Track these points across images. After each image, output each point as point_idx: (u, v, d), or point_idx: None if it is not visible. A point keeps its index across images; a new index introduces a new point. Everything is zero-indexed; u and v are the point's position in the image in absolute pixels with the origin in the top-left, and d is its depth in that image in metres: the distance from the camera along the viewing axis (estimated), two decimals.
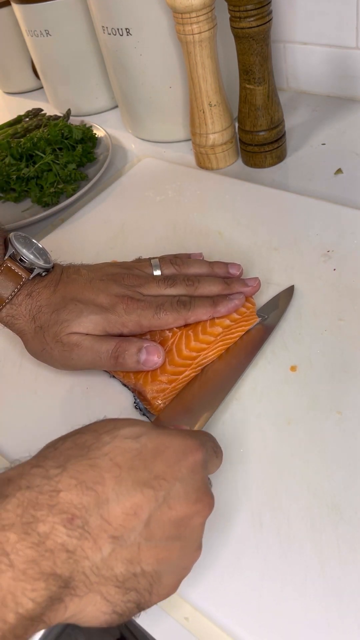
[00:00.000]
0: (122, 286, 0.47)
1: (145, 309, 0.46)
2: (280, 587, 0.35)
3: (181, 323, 0.47)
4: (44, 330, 0.46)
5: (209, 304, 0.47)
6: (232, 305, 0.47)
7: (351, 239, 0.56)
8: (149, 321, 0.46)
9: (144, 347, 0.45)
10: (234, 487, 0.40)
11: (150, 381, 0.45)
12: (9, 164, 0.76)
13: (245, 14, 0.58)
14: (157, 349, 0.45)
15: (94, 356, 0.45)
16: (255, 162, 0.70)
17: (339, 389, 0.44)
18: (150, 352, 0.44)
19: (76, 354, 0.45)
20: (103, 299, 0.46)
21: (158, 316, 0.46)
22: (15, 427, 0.48)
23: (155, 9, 0.67)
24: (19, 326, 0.48)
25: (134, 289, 0.48)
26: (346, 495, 0.38)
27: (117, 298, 0.46)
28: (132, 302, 0.46)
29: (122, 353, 0.44)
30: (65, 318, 0.45)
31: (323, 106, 0.80)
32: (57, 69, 0.90)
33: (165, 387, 0.45)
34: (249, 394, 0.45)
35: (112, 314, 0.46)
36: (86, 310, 0.46)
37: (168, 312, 0.46)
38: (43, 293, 0.47)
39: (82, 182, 0.75)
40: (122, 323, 0.46)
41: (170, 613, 0.36)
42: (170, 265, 0.50)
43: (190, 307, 0.46)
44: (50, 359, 0.47)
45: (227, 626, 0.34)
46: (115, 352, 0.45)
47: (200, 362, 0.47)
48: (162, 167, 0.74)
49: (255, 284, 0.50)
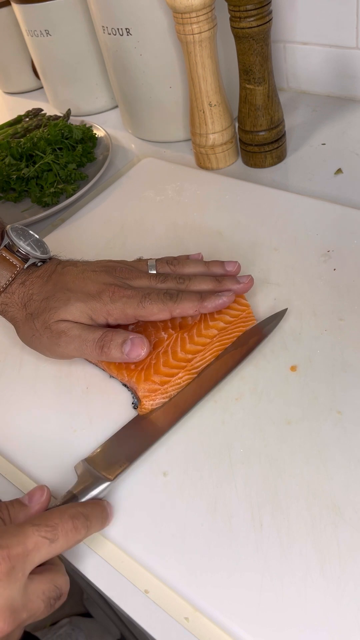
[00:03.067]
0: (112, 276, 0.48)
1: (131, 297, 0.46)
2: (280, 587, 0.35)
3: (167, 315, 0.46)
4: (34, 317, 0.47)
5: (196, 299, 0.47)
6: (219, 302, 0.47)
7: (351, 239, 0.56)
8: (134, 310, 0.46)
9: (130, 338, 0.45)
10: (234, 487, 0.40)
11: (143, 380, 0.45)
12: (9, 164, 0.76)
13: (245, 14, 0.57)
14: (143, 342, 0.45)
15: (80, 344, 0.45)
16: (255, 162, 0.70)
17: (339, 389, 0.44)
18: (135, 344, 0.44)
19: (63, 341, 0.45)
20: (91, 286, 0.47)
21: (143, 305, 0.46)
22: (15, 426, 0.48)
23: (155, 9, 0.67)
24: (12, 314, 0.48)
25: (123, 280, 0.48)
26: (346, 496, 0.38)
27: (105, 286, 0.47)
28: (118, 290, 0.46)
29: (108, 343, 0.45)
30: (54, 305, 0.46)
31: (323, 106, 0.80)
32: (57, 69, 0.90)
33: (157, 388, 0.45)
34: (249, 394, 0.45)
35: (97, 302, 0.46)
36: (73, 298, 0.46)
37: (153, 302, 0.46)
38: (36, 282, 0.48)
39: (82, 182, 0.75)
40: (107, 311, 0.46)
41: (170, 613, 0.36)
42: (166, 266, 0.51)
43: (176, 300, 0.46)
44: (39, 346, 0.48)
45: (227, 626, 0.34)
46: (101, 342, 0.45)
47: (195, 364, 0.47)
48: (162, 167, 0.74)
49: (247, 281, 0.50)
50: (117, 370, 0.47)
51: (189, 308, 0.46)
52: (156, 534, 0.39)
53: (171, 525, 0.39)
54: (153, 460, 0.43)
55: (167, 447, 0.43)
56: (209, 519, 0.39)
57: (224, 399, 0.45)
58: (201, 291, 0.48)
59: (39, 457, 0.45)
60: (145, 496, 0.41)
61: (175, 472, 0.42)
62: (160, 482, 0.41)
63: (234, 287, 0.49)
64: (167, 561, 0.37)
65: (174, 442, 0.43)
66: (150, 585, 0.37)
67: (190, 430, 0.44)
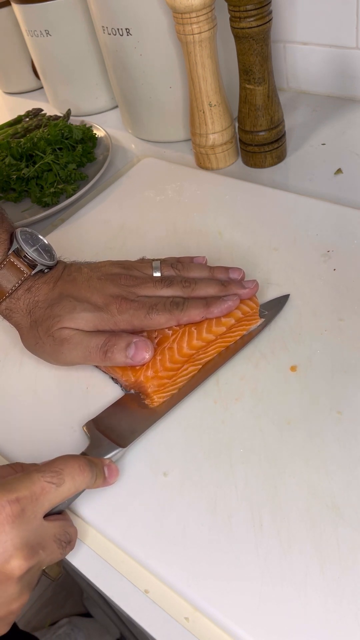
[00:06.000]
0: (118, 286, 0.48)
1: (138, 309, 0.46)
2: (280, 587, 0.35)
3: (173, 324, 0.47)
4: (38, 325, 0.47)
5: (202, 305, 0.47)
6: (225, 307, 0.47)
7: (351, 239, 0.56)
8: (141, 321, 0.46)
9: (133, 342, 0.45)
10: (234, 487, 0.40)
11: (150, 378, 0.45)
12: (9, 164, 0.76)
13: (245, 14, 0.58)
14: (147, 345, 0.45)
15: (83, 351, 0.45)
16: (255, 162, 0.70)
17: (339, 389, 0.44)
18: (140, 348, 0.45)
19: (66, 348, 0.46)
20: (97, 298, 0.47)
21: (150, 317, 0.46)
22: (15, 427, 0.48)
23: (155, 9, 0.67)
24: (16, 319, 0.49)
25: (129, 289, 0.48)
26: (346, 496, 0.38)
27: (111, 298, 0.47)
28: (125, 303, 0.46)
29: (111, 347, 0.45)
30: (58, 313, 0.46)
31: (323, 106, 0.80)
32: (57, 69, 0.90)
33: (165, 382, 0.45)
34: (249, 394, 0.45)
35: (105, 313, 0.46)
36: (79, 307, 0.46)
37: (160, 313, 0.46)
38: (42, 289, 0.48)
39: (82, 182, 0.75)
40: (114, 322, 0.46)
41: (170, 613, 0.36)
42: (171, 269, 0.50)
43: (182, 308, 0.46)
44: (42, 353, 0.48)
45: (227, 626, 0.34)
46: (105, 347, 0.45)
47: (198, 357, 0.47)
48: (162, 167, 0.74)
49: (252, 286, 0.49)
50: (122, 371, 0.47)
51: (195, 315, 0.47)
52: (156, 534, 0.39)
53: (171, 525, 0.39)
54: (153, 460, 0.43)
55: (167, 447, 0.43)
56: (209, 519, 0.39)
57: (224, 399, 0.45)
58: (207, 296, 0.48)
59: (39, 457, 0.45)
60: (145, 496, 0.41)
61: (175, 472, 0.42)
62: (160, 482, 0.41)
63: (239, 291, 0.49)
64: (167, 561, 0.37)
65: (174, 442, 0.44)
66: (150, 585, 0.37)
67: (191, 430, 0.44)
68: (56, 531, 0.37)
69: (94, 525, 0.41)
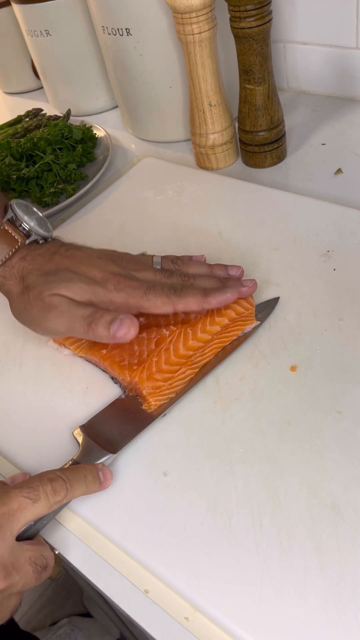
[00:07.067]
0: (119, 266, 0.48)
1: (136, 288, 0.45)
2: (280, 587, 0.35)
3: (170, 309, 0.46)
4: (30, 290, 0.46)
5: (200, 294, 0.46)
6: (223, 298, 0.46)
7: (351, 239, 0.56)
8: (138, 301, 0.45)
9: (119, 318, 0.43)
10: (234, 487, 0.40)
11: (146, 379, 0.45)
12: (9, 164, 0.76)
13: (245, 14, 0.58)
14: (133, 322, 0.43)
15: (69, 319, 0.44)
16: (255, 162, 0.70)
17: (339, 389, 0.44)
18: (124, 324, 0.43)
19: (53, 314, 0.45)
20: (96, 273, 0.46)
21: (147, 297, 0.45)
22: (15, 427, 0.48)
23: (155, 9, 0.67)
24: (8, 287, 0.48)
25: (129, 270, 0.48)
26: (346, 496, 0.38)
27: (110, 275, 0.46)
28: (123, 280, 0.46)
29: (97, 319, 0.43)
30: (54, 280, 0.46)
31: (323, 106, 0.80)
32: (57, 69, 0.90)
33: (160, 385, 0.45)
34: (249, 394, 0.45)
35: (102, 288, 0.45)
36: (76, 279, 0.46)
37: (157, 295, 0.45)
38: (37, 259, 0.48)
39: (82, 182, 0.75)
40: (110, 299, 0.45)
41: (170, 613, 0.36)
42: (171, 264, 0.50)
43: (180, 294, 0.46)
44: (28, 319, 0.47)
45: (227, 626, 0.34)
46: (90, 318, 0.44)
47: (195, 359, 0.47)
48: (162, 167, 0.74)
49: (251, 284, 0.49)
50: (120, 370, 0.47)
51: (192, 303, 0.46)
52: (156, 534, 0.39)
53: (171, 525, 0.39)
54: (153, 460, 0.43)
55: (168, 447, 0.43)
56: (209, 519, 0.39)
57: (224, 399, 0.45)
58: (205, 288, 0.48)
59: (39, 457, 0.45)
60: (145, 496, 0.41)
61: (175, 472, 0.42)
62: (160, 482, 0.41)
63: (237, 289, 0.49)
64: (167, 561, 0.37)
65: (174, 443, 0.44)
66: (150, 585, 0.37)
67: (191, 430, 0.44)
68: (32, 554, 0.36)
69: (94, 525, 0.41)
